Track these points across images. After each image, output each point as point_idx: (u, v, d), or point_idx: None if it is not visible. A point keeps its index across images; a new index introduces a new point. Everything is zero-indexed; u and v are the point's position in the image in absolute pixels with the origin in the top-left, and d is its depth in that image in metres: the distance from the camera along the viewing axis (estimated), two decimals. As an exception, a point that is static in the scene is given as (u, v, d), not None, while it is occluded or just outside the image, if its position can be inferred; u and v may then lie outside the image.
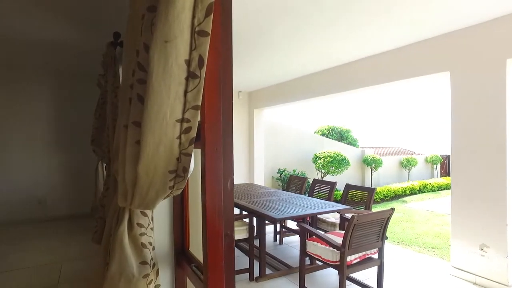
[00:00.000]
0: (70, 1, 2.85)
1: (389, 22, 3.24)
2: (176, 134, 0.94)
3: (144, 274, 1.42)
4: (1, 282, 3.08)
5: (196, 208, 1.70)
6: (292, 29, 3.41)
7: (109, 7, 2.98)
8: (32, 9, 3.00)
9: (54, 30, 3.53)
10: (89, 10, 3.05)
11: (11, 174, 5.28)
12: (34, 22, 3.30)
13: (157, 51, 0.83)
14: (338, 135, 13.68)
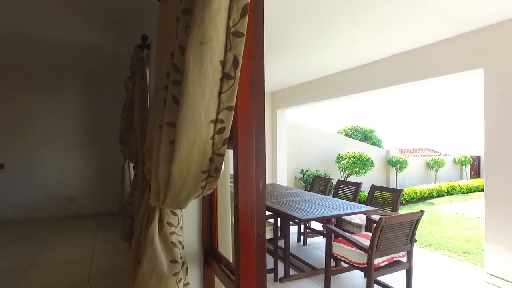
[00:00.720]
0: (100, 6, 2.94)
1: (416, 19, 3.15)
2: (210, 134, 0.95)
3: (174, 272, 1.44)
4: (36, 275, 3.22)
5: (224, 208, 1.71)
6: (317, 29, 3.38)
7: (137, 11, 3.05)
8: (64, 15, 3.12)
9: (83, 34, 3.66)
10: (117, 15, 3.14)
11: (43, 173, 5.52)
12: (65, 26, 3.43)
13: (193, 53, 0.83)
14: (362, 135, 13.44)
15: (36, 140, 5.47)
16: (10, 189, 5.17)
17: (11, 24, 3.33)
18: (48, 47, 4.10)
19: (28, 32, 3.56)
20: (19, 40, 3.86)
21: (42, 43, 3.96)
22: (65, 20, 3.25)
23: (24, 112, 5.41)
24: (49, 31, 3.55)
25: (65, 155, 5.65)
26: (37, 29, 3.50)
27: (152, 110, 1.25)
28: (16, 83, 5.36)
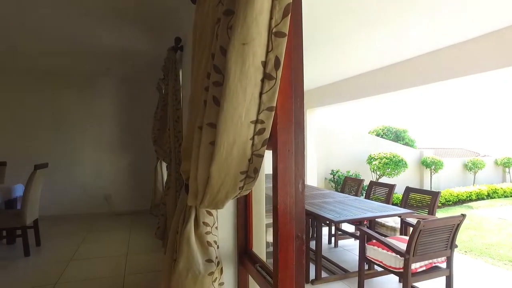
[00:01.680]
0: (134, 11, 3.04)
1: (458, 12, 3.00)
2: (250, 135, 0.95)
3: (209, 271, 1.46)
4: (77, 268, 3.38)
5: (259, 208, 1.71)
6: (352, 27, 3.30)
7: (170, 14, 3.12)
8: (101, 22, 3.25)
9: (117, 39, 3.79)
10: (151, 19, 3.22)
11: (82, 172, 5.79)
12: (101, 33, 3.57)
13: (235, 54, 0.84)
14: (394, 136, 13.03)
15: (75, 140, 5.75)
16: (53, 187, 5.45)
17: (56, 33, 3.51)
18: (86, 52, 4.30)
19: (69, 39, 3.75)
20: (63, 47, 4.07)
21: (80, 49, 4.15)
22: (102, 26, 3.38)
23: (65, 114, 5.70)
24: (87, 38, 3.72)
25: (101, 155, 5.89)
26: (77, 37, 3.67)
27: (190, 111, 1.28)
28: (58, 86, 5.65)
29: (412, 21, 3.18)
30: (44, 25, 3.35)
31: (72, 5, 2.89)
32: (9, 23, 3.28)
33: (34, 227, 4.14)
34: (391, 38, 3.68)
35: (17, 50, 4.28)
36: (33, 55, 4.52)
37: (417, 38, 3.68)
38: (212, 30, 1.14)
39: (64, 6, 2.90)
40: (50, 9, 2.96)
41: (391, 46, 4.01)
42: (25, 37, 3.72)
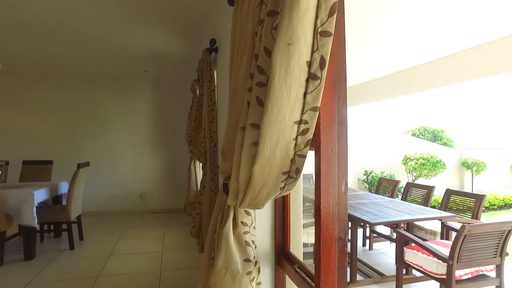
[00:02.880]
0: (170, 15, 3.12)
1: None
2: (293, 135, 0.95)
3: (247, 271, 1.47)
4: (116, 263, 3.53)
5: (297, 209, 1.70)
6: (388, 22, 3.20)
7: (205, 16, 3.18)
8: (138, 27, 3.37)
9: (154, 42, 3.92)
10: (186, 22, 3.30)
11: (119, 171, 6.05)
12: (138, 36, 3.70)
13: (280, 54, 0.84)
14: (431, 135, 12.47)
15: (114, 141, 6.02)
16: (93, 184, 5.73)
17: (97, 39, 3.69)
18: (124, 56, 4.48)
19: (109, 44, 3.92)
20: (103, 52, 4.27)
21: (119, 53, 4.33)
22: (140, 31, 3.51)
23: (104, 116, 5.98)
24: (125, 42, 3.87)
25: (138, 155, 6.12)
26: (116, 42, 3.83)
27: (230, 112, 1.29)
28: (98, 89, 5.95)
29: (458, 16, 3.03)
30: (87, 31, 3.52)
31: (112, 11, 3.02)
32: (55, 30, 3.48)
33: (77, 222, 4.37)
34: (431, 34, 3.53)
35: (62, 56, 4.53)
36: (76, 61, 4.77)
37: (464, 32, 3.49)
38: (252, 31, 1.15)
39: (106, 12, 3.04)
40: (94, 15, 3.11)
41: (429, 42, 3.84)
42: (69, 43, 3.94)
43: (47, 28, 3.43)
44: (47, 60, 4.77)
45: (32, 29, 3.46)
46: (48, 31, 3.53)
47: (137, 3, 2.86)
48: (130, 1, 2.82)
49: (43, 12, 3.03)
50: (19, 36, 3.70)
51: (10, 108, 5.70)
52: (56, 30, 3.50)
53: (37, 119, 5.79)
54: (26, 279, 3.15)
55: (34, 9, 2.95)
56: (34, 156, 5.45)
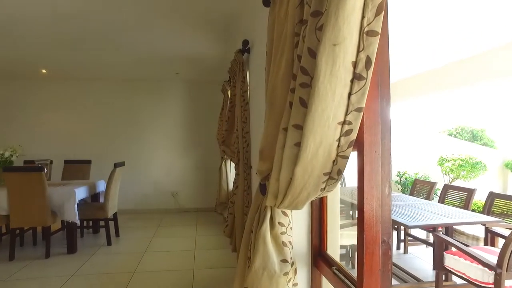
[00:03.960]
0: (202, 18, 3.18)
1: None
2: (336, 136, 0.94)
3: (284, 271, 1.47)
4: (150, 259, 3.64)
5: (334, 210, 1.68)
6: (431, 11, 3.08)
7: (237, 18, 3.21)
8: (173, 30, 3.47)
9: (186, 45, 4.01)
10: (218, 24, 3.35)
11: (152, 170, 6.24)
12: (172, 40, 3.80)
13: (325, 55, 0.83)
14: (470, 135, 11.85)
15: (148, 141, 6.22)
16: (128, 183, 5.95)
17: (132, 42, 3.83)
18: (157, 58, 4.61)
19: (143, 47, 4.06)
20: (138, 55, 4.42)
21: (153, 56, 4.47)
22: (173, 33, 3.60)
23: (139, 117, 6.20)
24: (159, 45, 3.99)
25: (170, 154, 6.28)
26: (150, 44, 3.96)
27: (269, 113, 1.30)
28: (133, 91, 6.17)
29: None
30: (124, 37, 3.67)
31: (148, 17, 3.12)
32: (94, 37, 3.65)
33: (114, 219, 4.55)
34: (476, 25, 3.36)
35: (100, 61, 4.74)
36: (112, 65, 4.98)
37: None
38: (292, 32, 1.15)
39: (142, 18, 3.15)
40: (131, 22, 3.23)
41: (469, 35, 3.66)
42: (107, 48, 4.11)
43: (87, 35, 3.60)
44: (86, 65, 5.01)
45: (73, 37, 3.65)
46: (88, 39, 3.71)
47: (171, 8, 2.94)
48: (165, 6, 2.90)
49: (83, 22, 3.19)
50: (61, 45, 3.91)
51: (54, 111, 6.04)
52: (95, 37, 3.67)
53: (77, 121, 6.09)
54: (70, 271, 3.32)
55: (74, 20, 3.11)
56: (74, 155, 5.75)
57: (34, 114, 5.99)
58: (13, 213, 3.69)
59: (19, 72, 5.43)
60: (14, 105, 5.94)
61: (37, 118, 6.01)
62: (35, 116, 6.00)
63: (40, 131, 6.00)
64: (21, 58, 4.59)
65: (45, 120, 6.02)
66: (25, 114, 5.97)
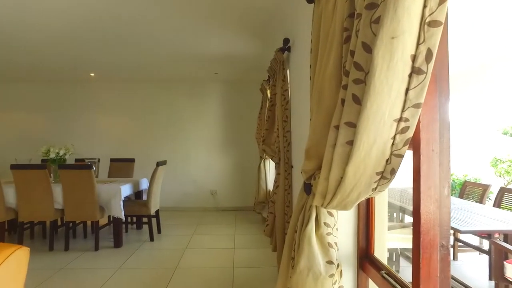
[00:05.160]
0: (242, 17, 3.20)
1: None
2: (391, 134, 0.90)
3: (330, 273, 1.44)
4: (191, 256, 3.73)
5: (382, 211, 1.62)
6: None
7: (277, 16, 3.20)
8: (211, 31, 3.52)
9: (226, 44, 4.05)
10: (257, 23, 3.35)
11: (192, 169, 6.39)
12: (211, 40, 3.86)
13: (382, 49, 0.80)
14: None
15: (187, 139, 6.39)
16: (170, 182, 6.16)
17: (173, 44, 3.95)
18: (197, 59, 4.71)
19: (183, 48, 4.17)
20: (178, 56, 4.55)
21: (193, 56, 4.58)
22: (213, 34, 3.66)
23: (179, 117, 6.39)
24: (199, 45, 4.07)
25: (209, 153, 6.41)
26: (190, 45, 4.06)
27: (317, 111, 1.27)
28: (173, 92, 6.37)
29: None
30: (165, 39, 3.79)
31: (187, 18, 3.20)
32: (137, 40, 3.81)
33: (156, 216, 4.72)
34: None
35: (142, 63, 4.93)
36: (154, 66, 5.16)
37: None
38: (341, 27, 1.12)
39: (182, 20, 3.23)
40: (172, 24, 3.33)
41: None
42: (149, 50, 4.27)
43: (131, 38, 3.76)
44: (129, 68, 5.24)
45: (118, 40, 3.83)
46: (132, 41, 3.88)
47: (211, 8, 2.98)
48: (204, 7, 2.95)
49: (132, 28, 3.34)
50: (107, 48, 4.13)
51: (101, 112, 6.39)
52: (138, 40, 3.83)
53: (122, 121, 6.40)
54: (116, 264, 3.49)
55: (125, 25, 3.26)
56: (119, 154, 6.06)
57: (84, 115, 6.38)
58: (67, 207, 3.95)
59: (70, 76, 5.81)
60: (66, 107, 6.37)
61: (86, 119, 6.39)
62: (84, 117, 6.39)
63: (88, 131, 6.38)
64: (73, 63, 4.90)
65: (93, 121, 6.39)
66: (75, 115, 6.38)
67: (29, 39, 3.78)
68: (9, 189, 3.99)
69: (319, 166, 1.35)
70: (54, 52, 4.38)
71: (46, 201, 3.93)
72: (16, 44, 3.98)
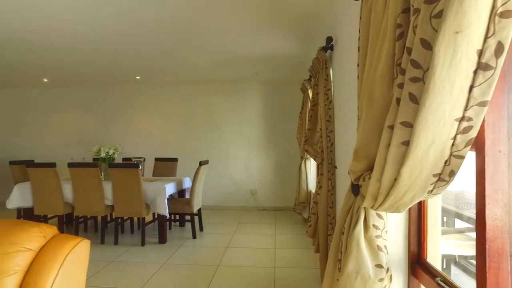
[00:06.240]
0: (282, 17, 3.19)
1: None
2: (451, 134, 0.85)
3: (379, 277, 1.39)
4: (233, 254, 3.79)
5: (435, 214, 1.54)
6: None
7: (318, 16, 3.16)
8: (253, 31, 3.55)
9: (267, 45, 4.06)
10: (300, 23, 3.33)
11: (232, 169, 6.49)
12: (252, 40, 3.89)
13: (444, 45, 0.76)
14: None
15: (227, 139, 6.51)
16: (211, 180, 6.31)
17: (214, 45, 4.04)
18: (237, 60, 4.78)
19: (225, 49, 4.24)
20: (219, 58, 4.64)
21: (233, 57, 4.64)
22: (254, 34, 3.69)
23: (220, 117, 6.52)
24: (240, 47, 4.12)
25: (249, 153, 6.47)
26: (231, 47, 4.12)
27: (367, 111, 1.23)
28: (214, 92, 6.51)
29: None
30: (205, 38, 3.88)
31: (229, 20, 3.25)
32: (181, 43, 3.93)
33: (198, 214, 4.85)
34: None
35: (185, 65, 5.09)
36: (196, 68, 5.31)
37: None
38: (394, 23, 1.08)
39: (224, 22, 3.29)
40: (216, 26, 3.40)
41: None
42: (192, 53, 4.40)
43: (178, 43, 3.90)
44: (172, 70, 5.44)
45: (165, 46, 3.98)
46: (180, 46, 4.01)
47: (254, 9, 3.01)
48: (247, 8, 2.98)
49: (177, 32, 3.46)
50: (153, 53, 4.31)
51: (146, 113, 6.70)
52: (184, 45, 3.96)
53: (165, 122, 6.66)
54: (162, 259, 3.64)
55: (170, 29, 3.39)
56: (163, 153, 6.30)
57: (130, 116, 6.73)
58: (116, 204, 4.19)
59: (118, 79, 6.14)
60: (114, 109, 6.75)
61: (132, 120, 6.73)
62: (131, 118, 6.73)
63: (134, 131, 6.71)
64: (119, 67, 5.18)
65: (139, 122, 6.71)
66: (122, 116, 6.74)
67: (84, 49, 4.06)
68: (67, 185, 4.30)
69: (368, 167, 1.32)
70: (105, 62, 4.70)
71: (98, 197, 4.19)
72: (73, 54, 4.28)
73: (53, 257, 1.23)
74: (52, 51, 4.23)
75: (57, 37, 3.68)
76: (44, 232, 1.32)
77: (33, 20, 3.17)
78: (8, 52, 4.26)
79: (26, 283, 1.15)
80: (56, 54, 4.37)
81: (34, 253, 1.25)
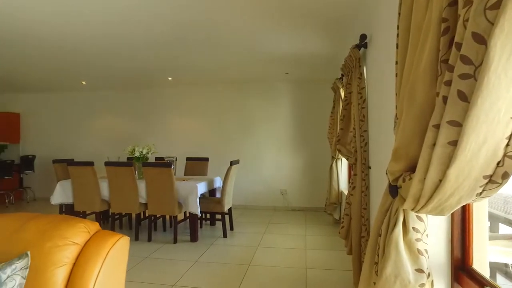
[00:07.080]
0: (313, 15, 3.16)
1: None
2: (506, 133, 0.81)
3: (420, 283, 1.34)
4: (264, 254, 3.79)
5: (481, 217, 1.47)
6: None
7: (351, 14, 3.09)
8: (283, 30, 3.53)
9: (298, 44, 4.03)
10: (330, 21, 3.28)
11: (262, 169, 6.51)
12: (283, 39, 3.88)
13: (502, 38, 0.71)
14: None
15: (258, 139, 6.54)
16: (241, 180, 6.35)
17: (244, 45, 4.06)
18: (268, 59, 4.78)
19: (255, 49, 4.25)
20: (249, 57, 4.67)
21: (264, 57, 4.65)
22: (285, 34, 3.67)
23: (251, 117, 6.56)
24: (270, 46, 4.12)
25: (279, 153, 6.47)
26: (261, 46, 4.13)
27: (408, 110, 1.19)
28: (244, 92, 6.57)
29: None
30: (237, 41, 3.91)
31: (259, 20, 3.25)
32: (211, 43, 3.99)
33: (229, 214, 4.90)
34: None
35: (216, 65, 5.16)
36: (226, 68, 5.37)
37: None
38: (438, 18, 1.03)
39: (254, 22, 3.30)
40: (245, 27, 3.42)
41: None
42: (222, 53, 4.45)
43: (209, 43, 3.96)
44: (203, 71, 5.53)
45: (196, 47, 4.06)
46: (210, 45, 4.08)
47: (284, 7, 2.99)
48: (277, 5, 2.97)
49: (202, 30, 3.52)
50: (185, 53, 4.40)
51: (177, 114, 6.88)
52: (214, 44, 4.02)
53: (197, 122, 6.80)
54: (193, 257, 3.71)
55: (200, 29, 3.45)
56: (194, 153, 6.43)
57: (162, 117, 6.93)
58: (150, 202, 4.32)
59: (151, 81, 6.34)
60: (147, 110, 6.98)
61: (164, 120, 6.93)
62: (163, 118, 6.93)
63: (166, 131, 6.91)
64: (152, 69, 5.34)
65: (170, 122, 6.90)
66: (155, 117, 6.95)
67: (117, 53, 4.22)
68: (103, 183, 4.50)
69: (408, 167, 1.27)
70: (138, 65, 4.85)
71: (132, 195, 4.34)
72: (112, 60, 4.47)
73: (97, 252, 1.28)
74: (92, 56, 4.44)
75: (102, 44, 3.87)
76: (88, 228, 1.38)
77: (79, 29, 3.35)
78: (53, 56, 4.52)
79: (74, 275, 1.21)
80: (94, 59, 4.59)
81: (80, 247, 1.31)
